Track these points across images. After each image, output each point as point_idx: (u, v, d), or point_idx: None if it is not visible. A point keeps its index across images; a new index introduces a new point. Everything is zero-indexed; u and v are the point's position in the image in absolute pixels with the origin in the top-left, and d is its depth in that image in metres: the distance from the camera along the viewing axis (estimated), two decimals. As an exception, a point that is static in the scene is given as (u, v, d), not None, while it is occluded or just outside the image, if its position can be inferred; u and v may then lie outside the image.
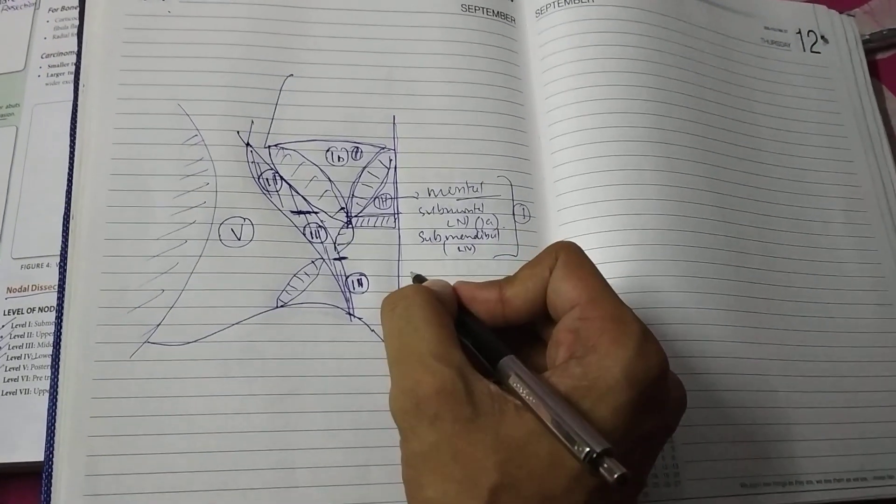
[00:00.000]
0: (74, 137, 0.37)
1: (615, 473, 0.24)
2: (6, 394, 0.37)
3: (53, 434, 0.33)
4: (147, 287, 0.35)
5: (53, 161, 0.40)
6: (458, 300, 0.32)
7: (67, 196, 0.37)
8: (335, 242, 0.38)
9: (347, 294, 0.37)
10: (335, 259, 0.37)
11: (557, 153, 0.41)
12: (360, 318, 0.36)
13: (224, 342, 0.35)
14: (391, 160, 0.40)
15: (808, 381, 0.40)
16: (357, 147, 0.39)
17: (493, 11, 0.43)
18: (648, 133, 0.41)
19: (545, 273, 0.31)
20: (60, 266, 0.35)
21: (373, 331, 0.36)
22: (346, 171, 0.39)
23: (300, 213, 0.38)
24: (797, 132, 0.47)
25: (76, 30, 0.40)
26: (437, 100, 0.41)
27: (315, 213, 0.38)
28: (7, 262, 0.39)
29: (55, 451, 0.33)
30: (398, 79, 0.41)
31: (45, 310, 0.38)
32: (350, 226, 0.38)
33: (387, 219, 0.39)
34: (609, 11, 0.43)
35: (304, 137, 0.39)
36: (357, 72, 0.41)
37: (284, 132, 0.39)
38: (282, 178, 0.38)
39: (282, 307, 0.36)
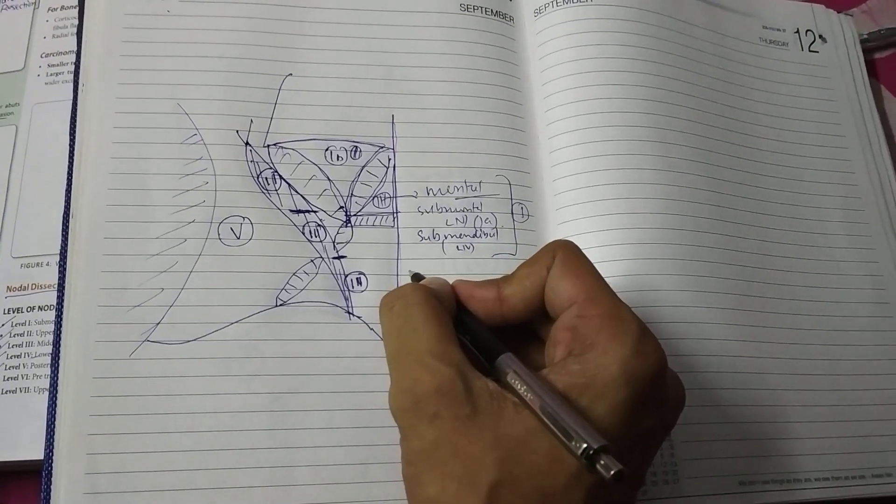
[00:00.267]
0: (74, 136, 0.37)
1: (612, 470, 0.24)
2: (6, 392, 0.37)
3: (53, 432, 0.33)
4: (147, 286, 0.35)
5: (53, 160, 0.40)
6: (457, 298, 0.33)
7: (67, 195, 0.37)
8: (334, 241, 0.38)
9: (346, 293, 0.37)
10: (334, 258, 0.37)
11: (556, 152, 0.41)
12: (360, 317, 0.37)
13: (223, 341, 0.35)
14: (390, 159, 0.40)
15: (806, 380, 0.40)
16: (356, 146, 0.39)
17: (492, 11, 0.43)
18: (647, 132, 0.42)
19: (543, 271, 0.31)
20: (60, 265, 0.35)
21: (372, 329, 0.36)
22: (345, 171, 0.39)
23: (299, 212, 0.38)
24: (795, 131, 0.47)
25: (76, 29, 0.40)
26: (436, 99, 0.41)
27: (314, 212, 0.38)
28: (7, 261, 0.39)
29: (55, 450, 0.33)
30: (397, 78, 0.41)
31: (45, 308, 0.38)
32: (349, 225, 0.38)
33: (386, 218, 0.39)
34: (607, 11, 0.43)
35: (303, 137, 0.39)
36: (356, 71, 0.41)
37: (283, 131, 0.39)
38: (281, 178, 0.38)
39: (281, 306, 0.36)
